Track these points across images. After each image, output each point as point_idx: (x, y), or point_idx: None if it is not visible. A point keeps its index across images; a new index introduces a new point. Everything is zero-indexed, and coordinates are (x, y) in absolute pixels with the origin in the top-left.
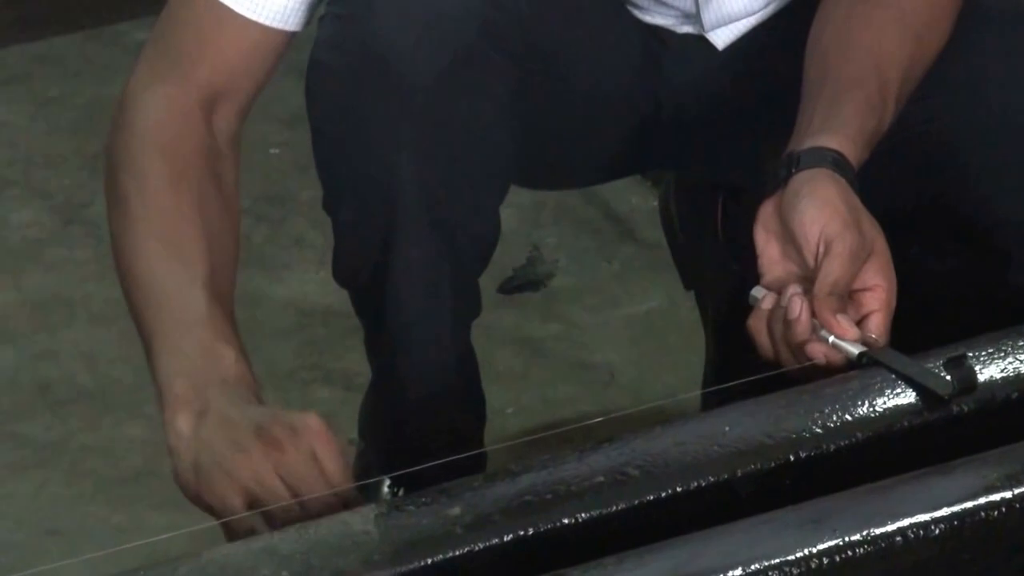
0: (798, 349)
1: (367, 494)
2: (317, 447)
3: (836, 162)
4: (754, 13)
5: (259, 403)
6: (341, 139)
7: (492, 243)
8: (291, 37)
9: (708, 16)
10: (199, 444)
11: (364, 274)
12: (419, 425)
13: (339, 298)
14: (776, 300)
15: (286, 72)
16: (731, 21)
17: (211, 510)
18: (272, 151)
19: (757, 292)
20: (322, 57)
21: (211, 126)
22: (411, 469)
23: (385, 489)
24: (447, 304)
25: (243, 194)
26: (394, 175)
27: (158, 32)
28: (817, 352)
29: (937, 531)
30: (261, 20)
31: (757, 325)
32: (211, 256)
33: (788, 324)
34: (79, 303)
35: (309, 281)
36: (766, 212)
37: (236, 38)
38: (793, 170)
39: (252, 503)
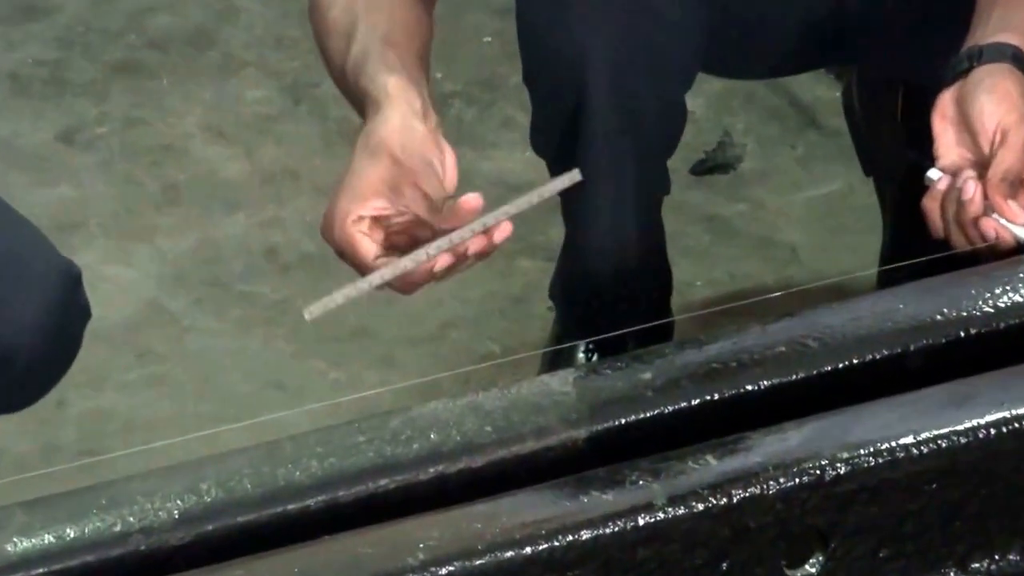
0: (969, 228)
1: (564, 357)
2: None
3: (1016, 57)
4: None
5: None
6: (539, 18)
7: (678, 125)
8: None
9: None
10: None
11: (556, 144)
12: (606, 291)
13: (541, 174)
14: (951, 182)
15: None
16: None
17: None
18: (485, 39)
19: (933, 174)
20: None
21: None
22: (603, 337)
23: (580, 354)
24: (631, 179)
25: (457, 79)
26: (584, 55)
27: None
28: (989, 229)
29: None
30: None
31: (931, 205)
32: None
33: (961, 205)
34: (305, 175)
35: (515, 159)
36: (944, 101)
37: None
38: (975, 63)
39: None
